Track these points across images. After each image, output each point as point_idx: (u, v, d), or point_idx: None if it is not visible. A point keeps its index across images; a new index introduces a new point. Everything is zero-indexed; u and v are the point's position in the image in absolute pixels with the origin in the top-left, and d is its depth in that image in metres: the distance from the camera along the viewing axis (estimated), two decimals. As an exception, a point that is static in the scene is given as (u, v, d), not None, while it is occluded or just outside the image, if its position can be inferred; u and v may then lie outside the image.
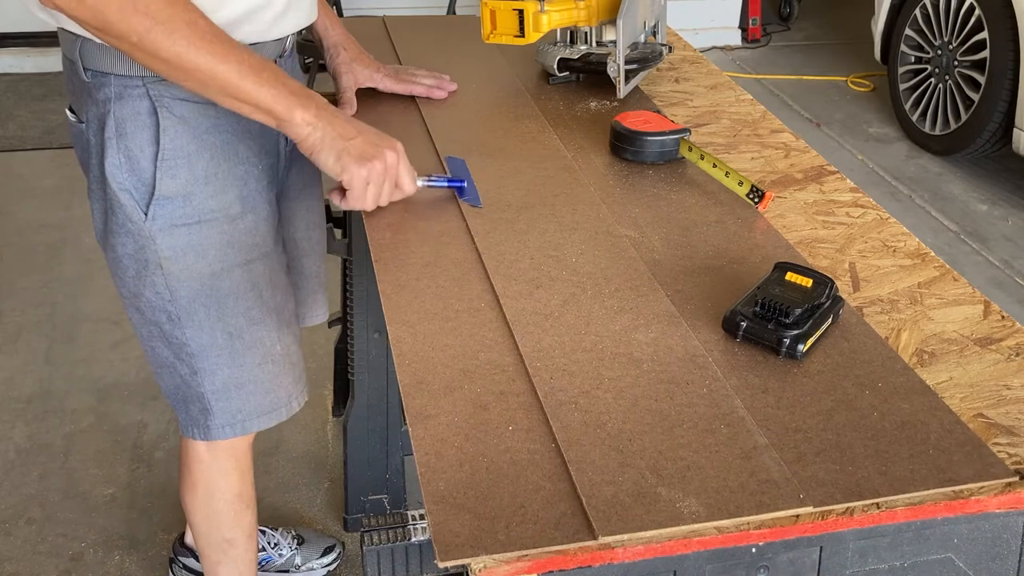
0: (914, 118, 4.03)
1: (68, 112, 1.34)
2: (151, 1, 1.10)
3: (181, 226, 1.29)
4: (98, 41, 1.19)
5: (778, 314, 1.00)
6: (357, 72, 1.57)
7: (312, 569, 1.96)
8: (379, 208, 1.24)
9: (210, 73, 1.14)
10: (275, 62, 1.32)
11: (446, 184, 1.31)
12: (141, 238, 1.29)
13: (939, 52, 3.89)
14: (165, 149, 1.25)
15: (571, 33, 1.65)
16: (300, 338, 1.50)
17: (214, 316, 1.35)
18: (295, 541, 1.96)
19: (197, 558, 1.83)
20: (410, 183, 1.25)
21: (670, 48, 1.76)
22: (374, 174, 1.21)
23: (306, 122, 1.19)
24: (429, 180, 1.30)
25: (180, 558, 1.90)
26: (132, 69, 1.23)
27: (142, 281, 1.32)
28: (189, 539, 1.89)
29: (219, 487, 1.54)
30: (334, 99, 1.55)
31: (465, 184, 1.31)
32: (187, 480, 1.55)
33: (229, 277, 1.34)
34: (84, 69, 1.25)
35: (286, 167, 1.45)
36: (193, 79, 1.15)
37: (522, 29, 1.57)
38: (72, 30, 1.23)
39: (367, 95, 1.58)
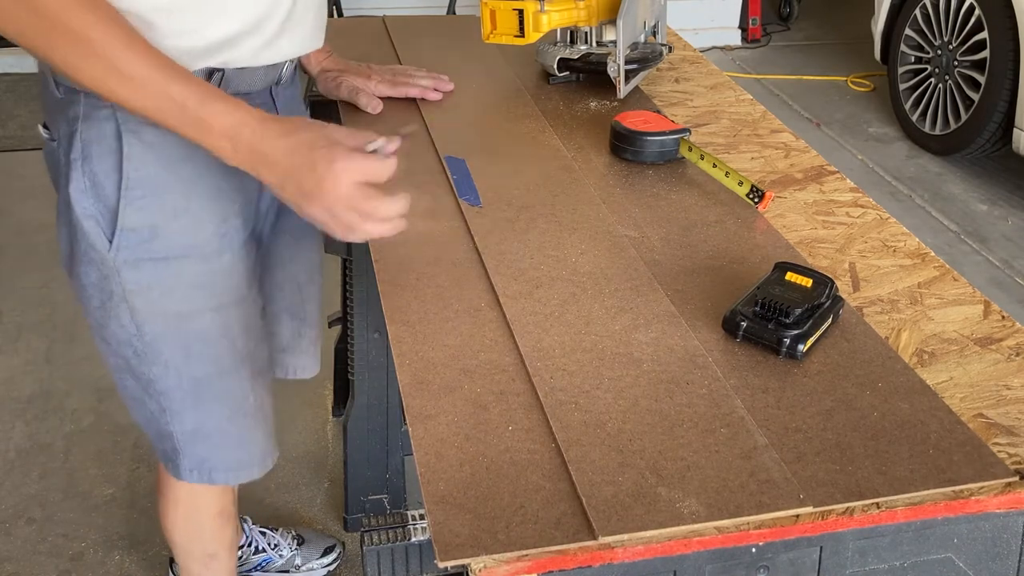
0: (914, 118, 4.03)
1: (41, 129, 1.24)
2: None
3: (147, 260, 1.18)
4: None
5: (778, 314, 1.00)
6: (353, 81, 1.54)
7: (312, 569, 1.96)
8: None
9: (101, 37, 1.00)
10: (269, 91, 1.27)
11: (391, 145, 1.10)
12: (105, 268, 1.19)
13: (939, 52, 3.89)
14: (129, 178, 1.15)
15: (571, 33, 1.65)
16: (272, 390, 1.39)
17: (179, 359, 1.25)
18: (295, 541, 1.96)
19: None
20: (378, 168, 1.05)
21: (670, 48, 1.76)
22: (344, 218, 1.04)
23: (225, 136, 1.04)
24: (403, 136, 1.11)
25: None
26: None
27: (107, 313, 1.22)
28: None
29: (201, 506, 1.51)
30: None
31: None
32: (167, 497, 1.51)
33: (199, 320, 1.24)
34: (56, 84, 1.16)
35: (280, 205, 1.32)
36: (75, 43, 1.00)
37: (522, 29, 1.57)
38: None
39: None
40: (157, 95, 1.03)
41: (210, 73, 1.16)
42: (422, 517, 1.67)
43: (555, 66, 1.64)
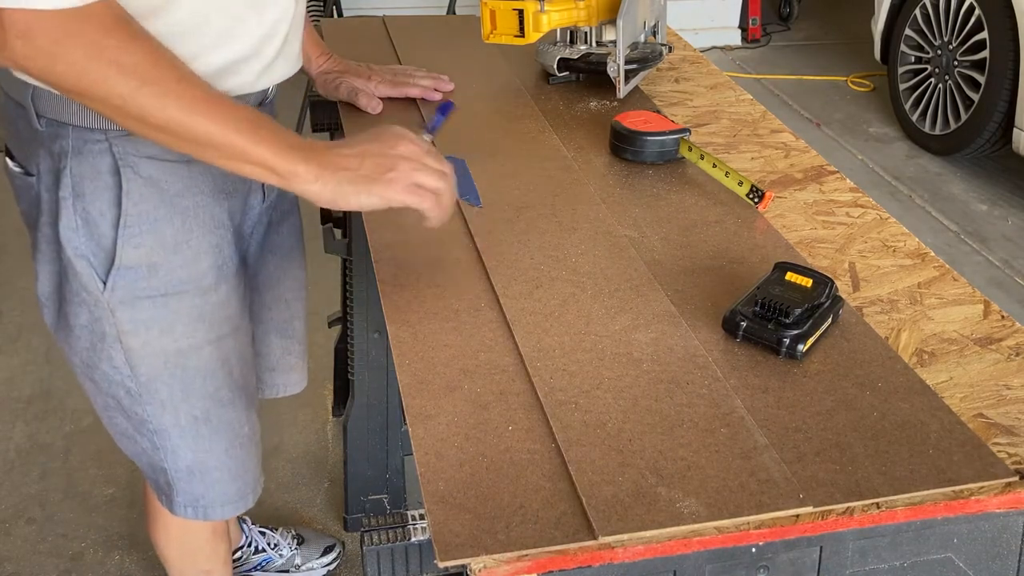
0: (914, 118, 4.03)
1: (9, 163, 1.17)
2: (136, 59, 0.95)
3: (145, 298, 1.14)
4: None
5: (778, 314, 1.00)
6: (353, 82, 1.53)
7: (312, 569, 1.97)
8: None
9: (207, 137, 0.99)
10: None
11: (442, 118, 1.44)
12: (98, 309, 1.15)
13: (939, 52, 3.89)
14: (128, 214, 1.11)
15: (571, 33, 1.65)
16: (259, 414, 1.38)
17: (178, 397, 1.21)
18: (295, 541, 1.97)
19: None
20: (438, 159, 1.10)
21: (670, 48, 1.76)
22: (412, 178, 1.06)
23: (313, 176, 1.03)
24: (430, 132, 1.37)
25: None
26: (94, 121, 1.07)
27: (98, 354, 1.18)
28: None
29: (194, 528, 1.46)
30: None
31: (447, 112, 1.43)
32: (158, 521, 1.47)
33: (198, 355, 1.20)
34: (37, 116, 1.09)
35: (266, 224, 1.35)
36: (187, 143, 1.00)
37: (522, 29, 1.57)
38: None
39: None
40: (251, 169, 1.03)
41: None
42: (422, 517, 1.67)
43: (555, 66, 1.64)
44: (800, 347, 0.99)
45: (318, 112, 1.79)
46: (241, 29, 1.11)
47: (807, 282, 1.04)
